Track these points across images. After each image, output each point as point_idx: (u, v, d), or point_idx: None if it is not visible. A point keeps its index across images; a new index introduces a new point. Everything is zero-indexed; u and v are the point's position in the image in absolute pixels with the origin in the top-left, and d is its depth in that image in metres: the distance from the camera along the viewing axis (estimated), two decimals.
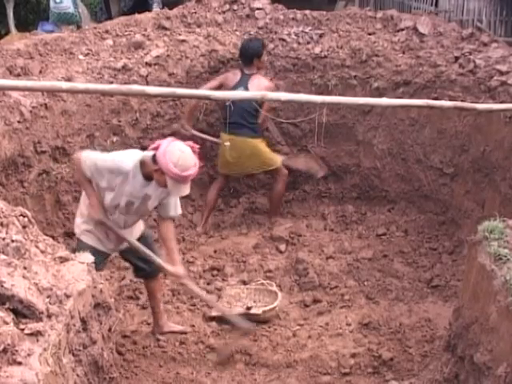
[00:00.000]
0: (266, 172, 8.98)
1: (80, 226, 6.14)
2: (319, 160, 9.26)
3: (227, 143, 8.35)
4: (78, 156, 5.86)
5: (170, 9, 9.71)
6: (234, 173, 8.94)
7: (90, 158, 5.77)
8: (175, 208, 6.11)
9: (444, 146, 8.36)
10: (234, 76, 8.55)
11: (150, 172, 5.59)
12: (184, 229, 8.80)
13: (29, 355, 3.27)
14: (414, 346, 6.49)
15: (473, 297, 4.57)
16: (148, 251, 6.10)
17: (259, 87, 8.28)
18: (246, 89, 8.32)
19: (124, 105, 8.47)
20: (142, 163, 5.65)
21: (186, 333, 6.74)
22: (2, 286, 3.48)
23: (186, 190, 5.59)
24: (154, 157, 5.53)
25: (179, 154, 5.44)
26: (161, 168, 5.43)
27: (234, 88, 8.36)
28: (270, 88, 8.35)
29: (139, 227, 6.34)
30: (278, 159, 8.81)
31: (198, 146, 5.69)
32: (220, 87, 8.43)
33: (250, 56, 8.54)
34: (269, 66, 9.05)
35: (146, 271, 6.45)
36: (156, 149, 5.53)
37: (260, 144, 8.68)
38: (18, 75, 7.66)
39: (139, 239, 6.23)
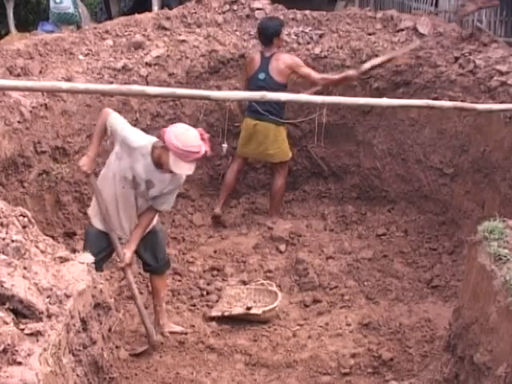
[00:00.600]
0: (272, 164, 9.00)
1: (91, 214, 6.26)
2: None
3: (225, 145, 8.32)
4: (108, 111, 6.05)
5: (170, 9, 9.72)
6: (253, 156, 8.95)
7: (116, 119, 5.96)
8: (167, 204, 6.15)
9: (444, 146, 8.36)
10: (252, 61, 8.58)
11: (160, 156, 5.68)
12: (184, 229, 8.80)
13: (29, 355, 3.27)
14: (414, 346, 6.49)
15: (473, 297, 4.57)
16: (117, 243, 6.10)
17: (280, 68, 8.37)
18: (268, 74, 8.39)
19: (124, 105, 8.47)
20: (154, 148, 5.74)
21: (186, 333, 6.74)
22: (2, 286, 3.48)
23: (186, 168, 5.61)
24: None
25: (183, 131, 5.60)
26: (165, 143, 5.54)
27: (256, 73, 8.45)
28: (293, 64, 8.42)
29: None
30: (290, 153, 8.85)
31: (207, 135, 5.74)
32: (248, 71, 8.61)
33: (270, 35, 8.50)
34: None
35: (152, 266, 6.52)
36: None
37: (283, 132, 8.72)
38: (18, 75, 7.67)
39: (149, 233, 6.28)
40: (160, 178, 5.85)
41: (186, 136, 5.52)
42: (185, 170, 5.63)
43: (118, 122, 5.94)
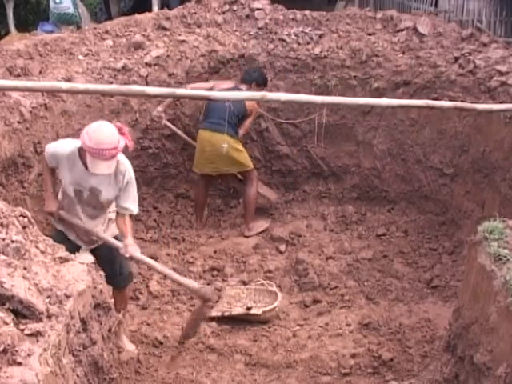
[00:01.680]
0: (241, 174, 8.94)
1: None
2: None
3: (225, 144, 8.32)
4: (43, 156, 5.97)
5: (170, 9, 9.72)
6: (210, 171, 8.78)
7: (47, 147, 5.88)
8: (131, 205, 5.89)
9: (444, 146, 8.36)
10: (226, 85, 8.48)
11: (85, 158, 5.49)
12: (184, 229, 8.81)
13: (29, 355, 3.27)
14: (414, 347, 6.49)
15: (473, 297, 4.57)
16: (110, 239, 5.95)
17: (246, 104, 8.44)
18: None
19: (124, 105, 8.48)
20: (80, 151, 5.57)
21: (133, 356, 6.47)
22: (2, 287, 3.48)
23: (105, 167, 5.39)
24: None
25: (96, 127, 5.36)
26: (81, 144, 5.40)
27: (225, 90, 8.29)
28: (254, 109, 8.58)
29: (113, 226, 6.10)
30: (250, 162, 8.80)
31: (127, 129, 5.68)
32: (210, 89, 8.39)
33: (252, 78, 8.62)
34: (269, 66, 9.04)
35: (112, 281, 5.94)
36: None
37: (239, 144, 8.65)
38: (18, 75, 7.66)
39: (116, 238, 6.03)
40: (100, 180, 5.66)
41: (98, 134, 5.29)
42: (104, 169, 5.41)
43: (46, 151, 5.85)
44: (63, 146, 5.75)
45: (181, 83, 8.67)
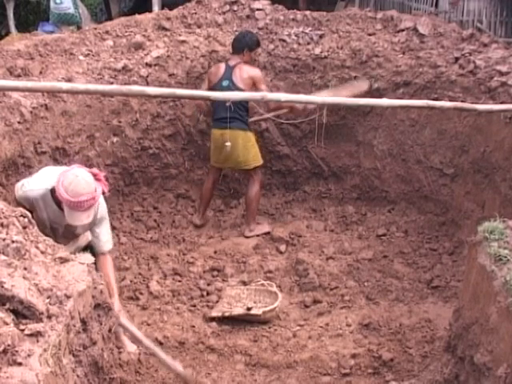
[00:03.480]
0: (245, 170, 8.93)
1: None
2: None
3: (228, 143, 8.33)
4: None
5: (170, 9, 9.71)
6: (225, 165, 8.91)
7: (17, 188, 5.76)
8: (107, 242, 5.92)
9: (444, 146, 8.35)
10: (218, 70, 8.55)
11: (60, 203, 5.40)
12: (184, 229, 8.81)
13: (29, 356, 3.27)
14: (414, 347, 6.49)
15: (473, 297, 4.57)
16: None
17: (243, 77, 8.35)
18: (231, 82, 8.35)
19: (124, 105, 8.49)
20: (53, 191, 5.46)
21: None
22: (3, 287, 3.48)
23: (83, 217, 5.31)
24: None
25: (72, 179, 5.24)
26: (57, 196, 5.30)
27: (218, 82, 8.41)
28: (255, 76, 8.42)
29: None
30: (260, 157, 8.82)
31: (103, 174, 5.57)
32: (210, 83, 8.53)
33: (242, 45, 8.56)
34: (269, 66, 9.05)
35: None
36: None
37: (252, 138, 8.68)
38: (19, 76, 7.66)
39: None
40: None
41: (75, 185, 5.18)
42: (82, 219, 5.32)
43: (17, 192, 5.76)
44: (32, 189, 5.63)
45: (181, 83, 8.70)
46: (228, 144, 8.31)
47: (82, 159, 7.86)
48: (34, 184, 5.68)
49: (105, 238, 5.93)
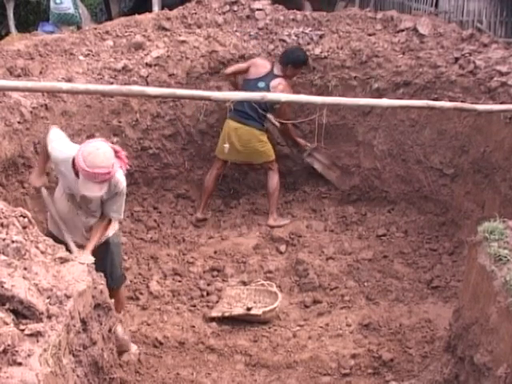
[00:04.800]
0: (259, 164, 9.09)
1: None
2: (334, 167, 9.27)
3: (226, 145, 8.36)
4: (50, 129, 6.01)
5: (170, 10, 9.71)
6: (234, 159, 9.02)
7: (50, 137, 5.90)
8: (115, 212, 5.94)
9: (444, 146, 8.35)
10: (263, 68, 8.67)
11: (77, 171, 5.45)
12: (184, 229, 8.80)
13: (29, 356, 3.28)
14: (414, 347, 6.50)
15: (473, 298, 4.58)
16: (67, 236, 5.82)
17: (276, 90, 8.42)
18: (267, 86, 8.48)
19: (124, 105, 8.48)
20: (74, 159, 5.50)
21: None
22: (3, 287, 3.48)
23: (95, 189, 5.35)
24: None
25: (92, 150, 5.30)
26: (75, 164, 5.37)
27: (256, 80, 8.55)
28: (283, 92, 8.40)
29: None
30: (273, 153, 8.92)
31: (124, 153, 5.66)
32: (247, 70, 8.67)
33: (288, 59, 8.64)
34: None
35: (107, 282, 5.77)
36: None
37: (264, 136, 8.80)
38: (19, 76, 7.66)
39: (101, 244, 6.04)
40: None
41: (93, 156, 5.24)
42: (94, 191, 5.37)
43: (50, 139, 5.85)
44: (61, 150, 5.73)
45: (181, 83, 8.68)
46: (226, 146, 8.35)
47: None
48: (64, 147, 5.78)
49: (115, 209, 5.93)
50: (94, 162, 5.22)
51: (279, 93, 8.31)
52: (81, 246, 5.76)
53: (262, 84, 8.49)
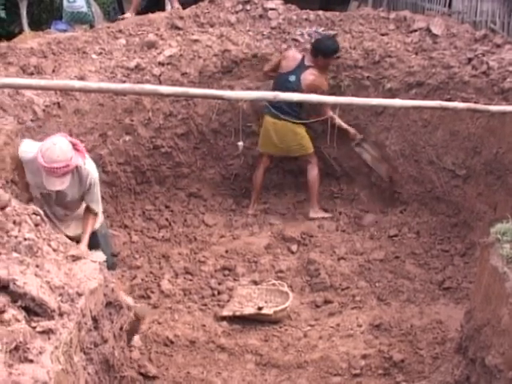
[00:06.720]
0: (297, 158, 9.18)
1: None
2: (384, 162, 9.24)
3: (240, 143, 8.39)
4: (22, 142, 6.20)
5: (184, 8, 9.71)
6: (274, 152, 9.12)
7: (22, 146, 6.10)
8: (95, 203, 6.24)
9: (457, 147, 8.32)
10: (293, 60, 8.72)
11: None
12: (195, 228, 8.80)
13: (40, 353, 3.29)
14: (425, 348, 6.48)
15: (485, 299, 4.56)
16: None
17: (309, 81, 8.55)
18: (298, 79, 8.55)
19: (137, 104, 8.49)
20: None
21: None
22: (15, 284, 3.49)
23: (57, 183, 5.61)
24: None
25: (49, 146, 5.54)
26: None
27: (287, 74, 8.61)
28: (320, 86, 8.55)
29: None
30: (311, 146, 8.99)
31: (82, 145, 5.86)
32: (278, 64, 8.74)
33: (318, 50, 8.65)
34: None
35: None
36: None
37: (301, 129, 8.87)
38: (32, 74, 7.69)
39: (91, 236, 6.30)
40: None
41: (50, 152, 5.49)
42: (57, 185, 5.62)
43: (20, 149, 6.07)
44: (27, 151, 5.95)
45: (194, 82, 8.68)
46: (240, 144, 8.38)
47: (95, 157, 7.86)
48: (29, 147, 6.01)
49: (93, 200, 6.22)
50: (51, 157, 5.47)
51: (310, 83, 8.50)
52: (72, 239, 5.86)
53: (292, 77, 8.58)
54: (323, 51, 8.63)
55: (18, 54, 7.99)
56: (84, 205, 6.34)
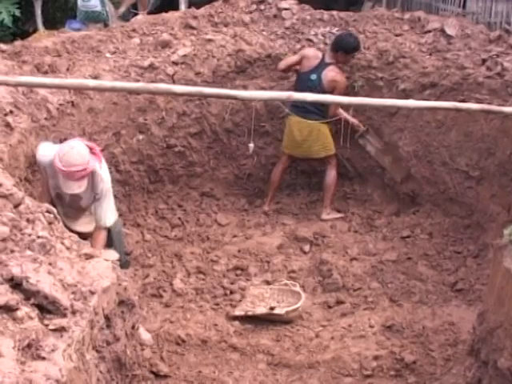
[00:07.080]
0: (318, 159, 9.16)
1: None
2: (402, 163, 9.19)
3: (251, 144, 8.38)
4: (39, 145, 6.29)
5: (197, 8, 9.73)
6: (299, 154, 9.11)
7: (39, 149, 6.19)
8: (105, 217, 6.20)
9: (470, 148, 8.30)
10: (314, 59, 8.70)
11: None
12: (208, 227, 8.81)
13: (53, 351, 3.30)
14: (437, 350, 6.46)
15: (498, 301, 4.54)
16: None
17: (329, 79, 8.56)
18: (319, 78, 8.57)
19: (150, 103, 8.51)
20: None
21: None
22: (28, 282, 3.51)
23: (75, 187, 5.68)
24: None
25: (67, 150, 5.62)
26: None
27: (309, 72, 8.61)
28: (339, 83, 8.57)
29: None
30: (333, 147, 8.99)
31: (99, 149, 5.95)
32: (299, 63, 8.72)
33: (339, 46, 8.64)
34: None
35: None
36: None
37: (326, 129, 8.88)
38: (46, 72, 7.72)
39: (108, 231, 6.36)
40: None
41: (68, 156, 5.56)
42: (74, 188, 5.69)
43: (38, 153, 6.19)
44: (45, 154, 6.02)
45: (207, 82, 8.69)
46: (251, 145, 8.36)
47: (108, 156, 7.88)
48: (46, 150, 6.08)
49: (103, 213, 6.19)
50: (69, 160, 5.54)
51: (331, 79, 8.53)
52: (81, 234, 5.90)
53: (313, 76, 8.58)
54: (345, 47, 8.61)
55: (33, 53, 8.03)
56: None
